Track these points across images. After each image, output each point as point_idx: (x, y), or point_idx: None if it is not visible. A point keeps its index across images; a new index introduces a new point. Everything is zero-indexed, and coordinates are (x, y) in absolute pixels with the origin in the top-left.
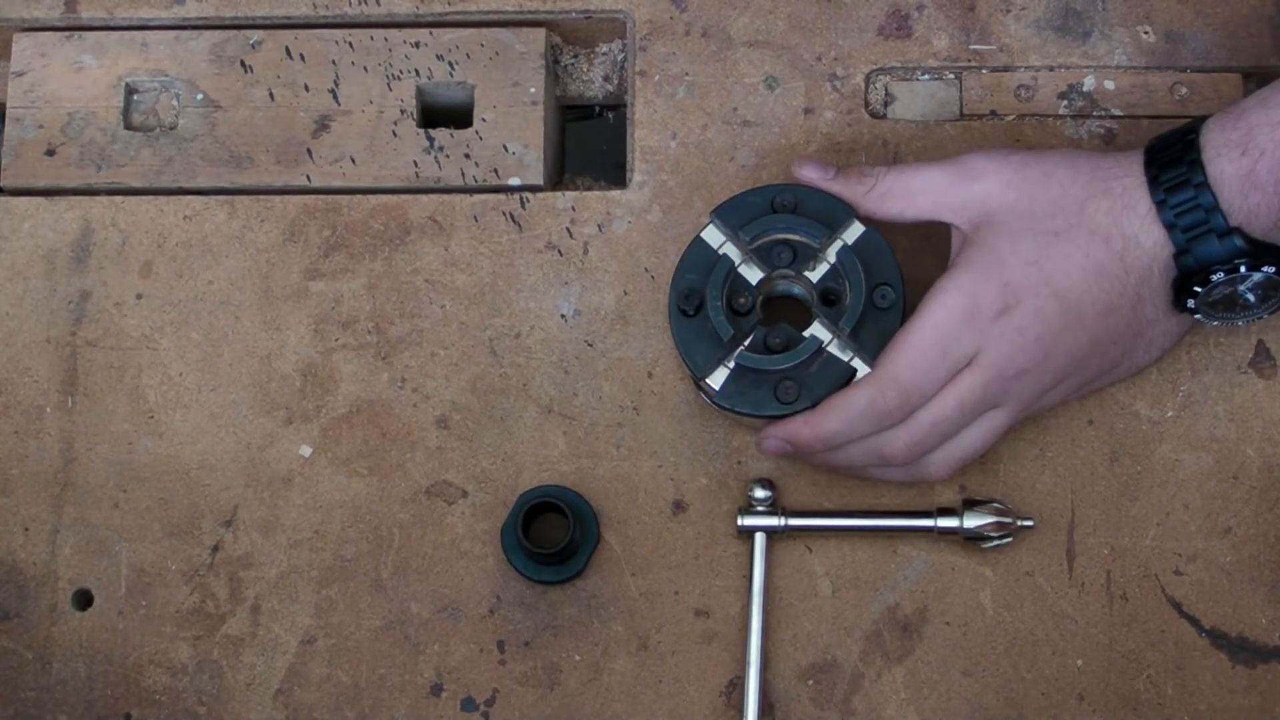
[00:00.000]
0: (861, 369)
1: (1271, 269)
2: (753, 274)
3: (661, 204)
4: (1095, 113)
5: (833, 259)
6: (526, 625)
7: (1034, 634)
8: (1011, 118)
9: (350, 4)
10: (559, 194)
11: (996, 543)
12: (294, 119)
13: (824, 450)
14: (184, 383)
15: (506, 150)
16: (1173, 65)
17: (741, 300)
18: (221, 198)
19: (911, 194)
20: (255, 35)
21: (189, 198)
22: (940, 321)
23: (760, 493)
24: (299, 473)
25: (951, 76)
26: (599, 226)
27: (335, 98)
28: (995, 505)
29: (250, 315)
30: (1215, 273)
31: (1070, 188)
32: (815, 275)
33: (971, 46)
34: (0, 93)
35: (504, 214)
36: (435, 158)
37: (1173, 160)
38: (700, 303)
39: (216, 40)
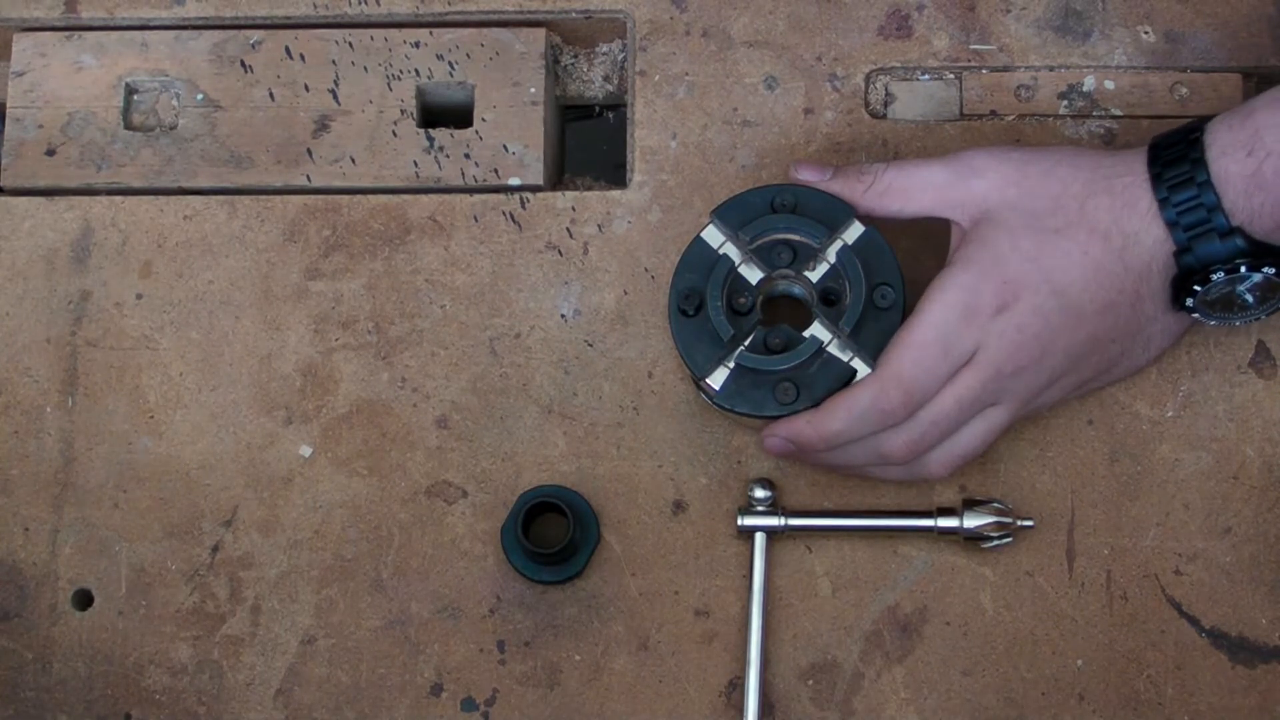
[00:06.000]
0: (861, 369)
1: (1271, 270)
2: (753, 274)
3: (661, 204)
4: (1095, 113)
5: (833, 259)
6: (526, 625)
7: (1034, 634)
8: (1011, 118)
9: (350, 4)
10: (559, 194)
11: (996, 543)
12: (294, 119)
13: (826, 450)
14: (184, 383)
15: (506, 150)
16: (1173, 65)
17: (741, 300)
18: (221, 198)
19: (911, 190)
20: (255, 35)
21: (189, 198)
22: (940, 319)
23: (760, 493)
24: (299, 473)
25: (951, 76)
26: (599, 226)
27: (335, 98)
28: (995, 505)
29: (250, 315)
30: (1215, 272)
31: (1071, 185)
32: (815, 275)
33: (971, 46)
34: (0, 93)
35: (504, 214)
36: (435, 158)
37: (1176, 158)
38: (700, 303)
39: (216, 40)
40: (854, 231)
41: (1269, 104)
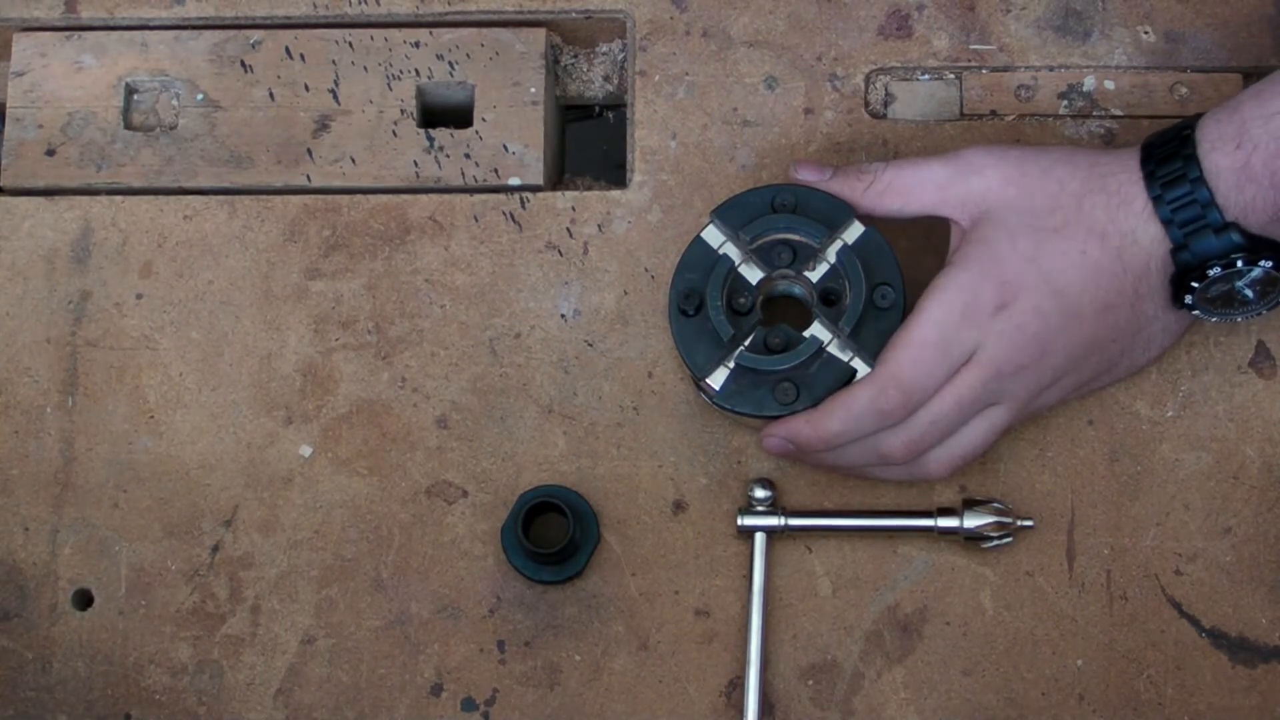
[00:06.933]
0: (861, 369)
1: (1269, 264)
2: (753, 274)
3: (661, 204)
4: (1095, 113)
5: (833, 259)
6: (526, 625)
7: (1034, 634)
8: (1011, 118)
9: (350, 4)
10: (559, 194)
11: (996, 543)
12: (294, 119)
13: (825, 450)
14: (184, 383)
15: (506, 150)
16: (1173, 65)
17: (741, 300)
18: (221, 198)
19: (910, 189)
20: (255, 35)
21: (189, 198)
22: (940, 319)
23: (760, 493)
24: (299, 473)
25: (951, 76)
26: (599, 226)
27: (335, 98)
28: (995, 505)
29: (250, 315)
30: (1212, 268)
31: (1068, 184)
32: (815, 275)
33: (971, 46)
34: (0, 93)
35: (504, 214)
36: (435, 158)
37: (1169, 155)
38: (700, 303)
39: (216, 40)
40: (854, 231)
41: (1254, 96)
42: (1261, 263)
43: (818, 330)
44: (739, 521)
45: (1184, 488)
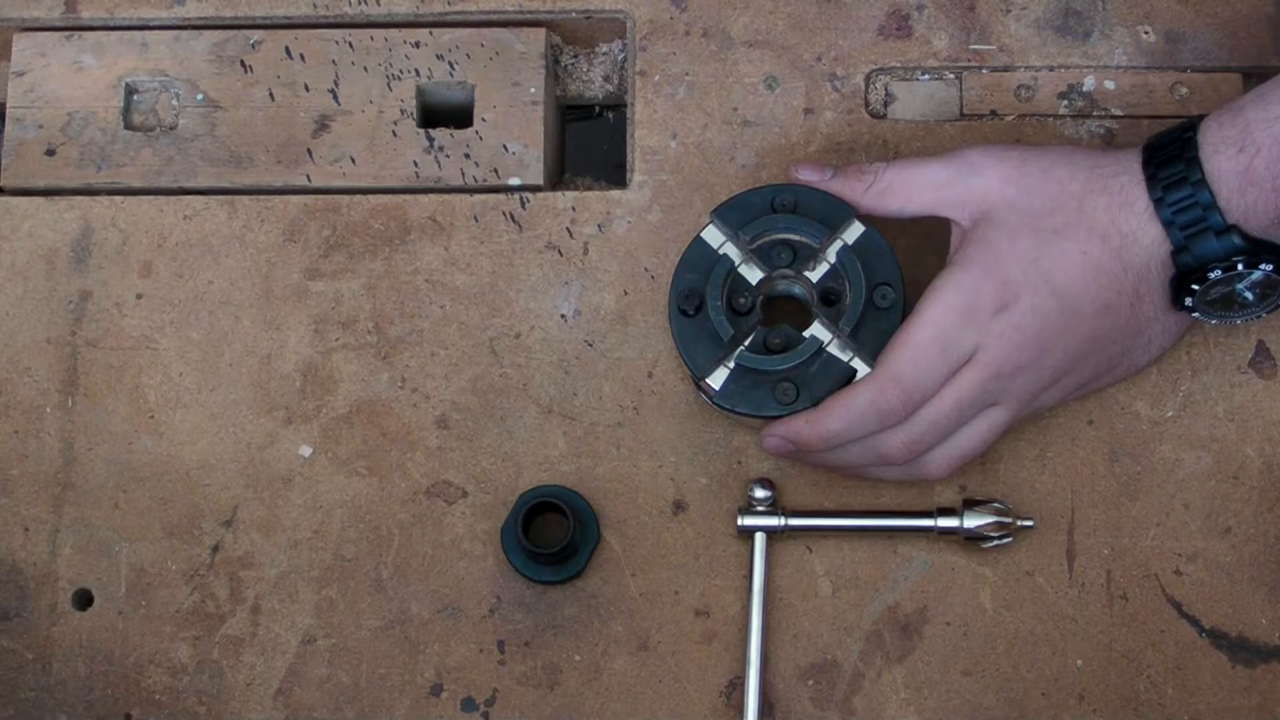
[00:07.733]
0: (861, 369)
1: (1269, 267)
2: (753, 274)
3: (661, 204)
4: (1095, 113)
5: (833, 259)
6: (526, 625)
7: (1034, 634)
8: (1011, 118)
9: (350, 4)
10: (559, 194)
11: (996, 543)
12: (294, 119)
13: (825, 449)
14: (184, 383)
15: (506, 150)
16: (1173, 65)
17: (741, 300)
18: (221, 198)
19: (911, 190)
20: (255, 35)
21: (189, 198)
22: (940, 319)
23: (760, 493)
24: (299, 473)
25: (951, 76)
26: (599, 226)
27: (335, 98)
28: (995, 505)
29: (250, 315)
30: (1212, 270)
31: (1069, 184)
32: (815, 275)
33: (971, 46)
34: (0, 93)
35: (504, 214)
36: (435, 158)
37: (1171, 157)
38: (700, 303)
39: (216, 40)
40: (854, 231)
41: (1257, 100)
42: (1262, 266)
43: (818, 330)
44: (739, 521)
45: (1184, 488)
